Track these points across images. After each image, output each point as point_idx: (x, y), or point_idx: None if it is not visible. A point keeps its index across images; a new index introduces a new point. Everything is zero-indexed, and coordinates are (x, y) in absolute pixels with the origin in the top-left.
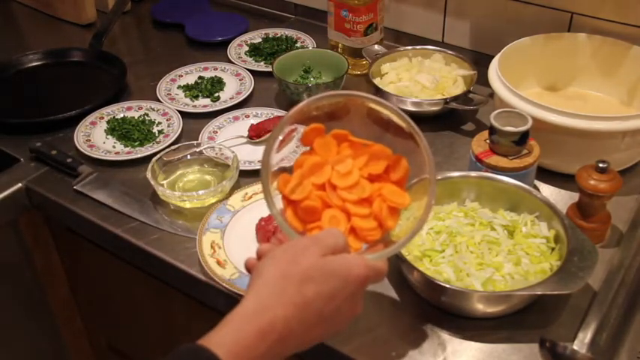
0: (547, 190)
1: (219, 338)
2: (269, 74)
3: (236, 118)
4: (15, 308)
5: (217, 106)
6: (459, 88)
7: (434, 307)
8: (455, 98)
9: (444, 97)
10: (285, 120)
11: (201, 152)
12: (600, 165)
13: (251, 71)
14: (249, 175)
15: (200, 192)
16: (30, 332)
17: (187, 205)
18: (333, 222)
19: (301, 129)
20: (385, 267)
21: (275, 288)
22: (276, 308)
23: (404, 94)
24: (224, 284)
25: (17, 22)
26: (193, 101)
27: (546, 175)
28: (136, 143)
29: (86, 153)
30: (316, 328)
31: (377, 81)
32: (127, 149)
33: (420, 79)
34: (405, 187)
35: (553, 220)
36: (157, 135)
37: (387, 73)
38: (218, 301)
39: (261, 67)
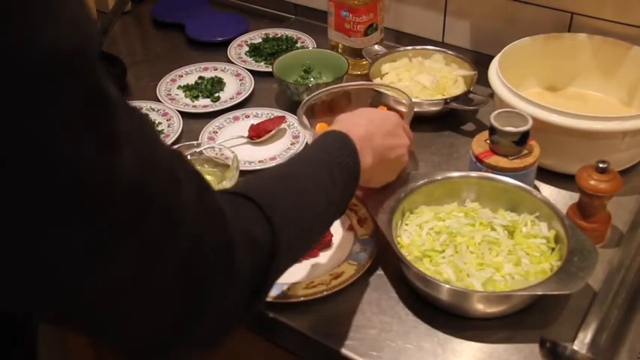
0: (547, 190)
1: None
2: (269, 74)
3: (236, 119)
4: None
5: (217, 107)
6: (459, 89)
7: (434, 308)
8: (455, 98)
9: (444, 97)
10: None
11: (201, 152)
12: (600, 165)
13: (251, 71)
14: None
15: None
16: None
17: None
18: None
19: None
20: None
21: (352, 116)
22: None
23: None
24: None
25: None
26: (193, 101)
27: (546, 175)
28: None
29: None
30: (384, 137)
31: (377, 81)
32: None
33: (420, 79)
34: None
35: (553, 221)
36: None
37: (387, 74)
38: None
39: (262, 67)
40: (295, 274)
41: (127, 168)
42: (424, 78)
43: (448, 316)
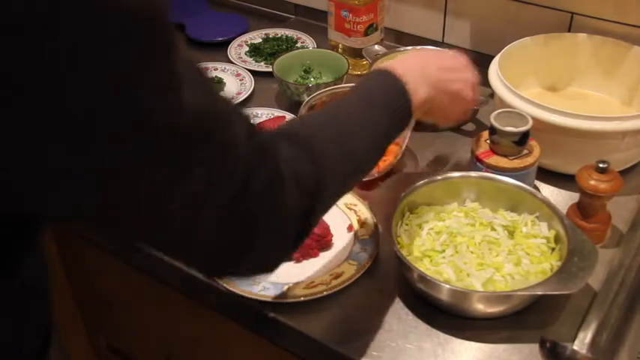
0: (547, 190)
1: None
2: (269, 74)
3: None
4: None
5: None
6: None
7: (434, 308)
8: None
9: None
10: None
11: None
12: (600, 165)
13: (251, 71)
14: None
15: None
16: None
17: None
18: None
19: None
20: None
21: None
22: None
23: None
24: (224, 284)
25: None
26: None
27: (546, 175)
28: None
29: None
30: (440, 70)
31: None
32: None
33: None
34: None
35: (553, 221)
36: None
37: None
38: (218, 301)
39: (262, 67)
40: (295, 274)
41: (191, 104)
42: None
43: (448, 316)
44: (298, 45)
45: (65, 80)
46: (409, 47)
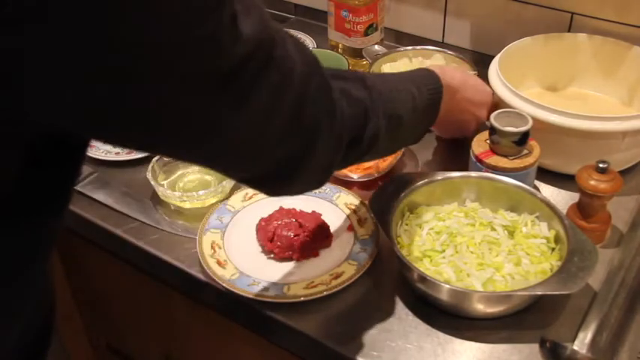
0: (547, 191)
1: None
2: None
3: None
4: None
5: None
6: None
7: (434, 308)
8: None
9: None
10: None
11: None
12: (600, 165)
13: None
14: None
15: (200, 192)
16: None
17: (187, 205)
18: None
19: None
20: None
21: (454, 69)
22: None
23: None
24: (224, 284)
25: None
26: None
27: (546, 175)
28: None
29: (86, 153)
30: (465, 100)
31: None
32: (127, 149)
33: None
34: None
35: (553, 221)
36: None
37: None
38: (218, 301)
39: None
40: (295, 274)
41: (253, 28)
42: None
43: (448, 316)
44: None
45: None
46: (409, 47)
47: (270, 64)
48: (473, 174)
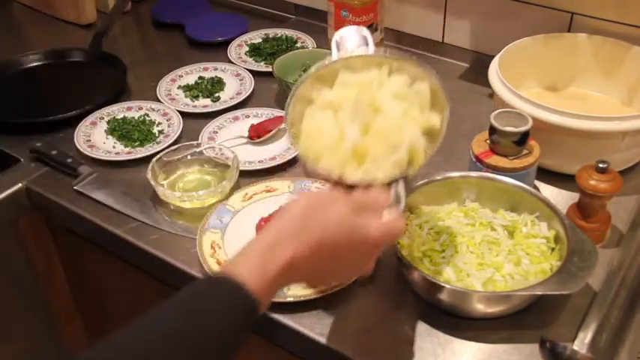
0: (547, 190)
1: (244, 273)
2: (269, 74)
3: (236, 119)
4: (15, 308)
5: (217, 107)
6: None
7: (434, 307)
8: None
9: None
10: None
11: (201, 152)
12: (600, 165)
13: (251, 71)
14: (249, 176)
15: (200, 192)
16: (30, 332)
17: (187, 205)
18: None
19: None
20: (402, 227)
21: (295, 226)
22: (290, 245)
23: None
24: None
25: (17, 22)
26: (193, 101)
27: (546, 175)
28: (136, 143)
29: (86, 153)
30: (321, 274)
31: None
32: (127, 149)
33: None
34: None
35: (553, 221)
36: (157, 135)
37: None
38: None
39: (261, 67)
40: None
41: None
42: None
43: (448, 316)
44: (298, 45)
45: None
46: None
47: None
48: (473, 174)
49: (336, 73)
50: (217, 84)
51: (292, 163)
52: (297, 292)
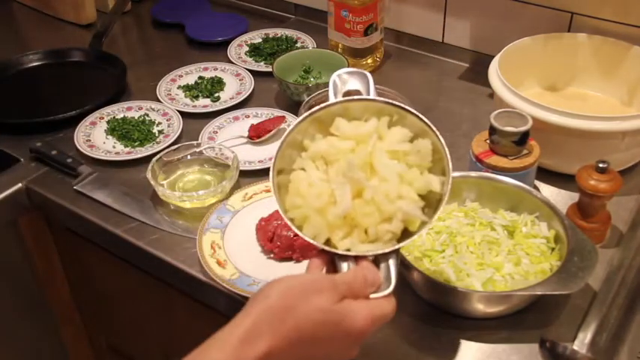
0: (547, 190)
1: None
2: (269, 74)
3: (236, 118)
4: (15, 308)
5: (217, 106)
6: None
7: (434, 307)
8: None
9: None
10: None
11: (201, 152)
12: (600, 165)
13: (251, 71)
14: (249, 176)
15: (200, 192)
16: (30, 332)
17: (187, 205)
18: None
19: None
20: (391, 309)
21: (272, 316)
22: (267, 337)
23: None
24: (224, 284)
25: (17, 22)
26: (193, 101)
27: (546, 175)
28: (136, 143)
29: (86, 153)
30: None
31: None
32: (127, 149)
33: None
34: None
35: (553, 221)
36: (157, 135)
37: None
38: (218, 301)
39: (261, 67)
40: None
41: None
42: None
43: (448, 315)
44: (298, 45)
45: None
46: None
47: None
48: (473, 174)
49: (333, 116)
50: (217, 84)
51: None
52: None
